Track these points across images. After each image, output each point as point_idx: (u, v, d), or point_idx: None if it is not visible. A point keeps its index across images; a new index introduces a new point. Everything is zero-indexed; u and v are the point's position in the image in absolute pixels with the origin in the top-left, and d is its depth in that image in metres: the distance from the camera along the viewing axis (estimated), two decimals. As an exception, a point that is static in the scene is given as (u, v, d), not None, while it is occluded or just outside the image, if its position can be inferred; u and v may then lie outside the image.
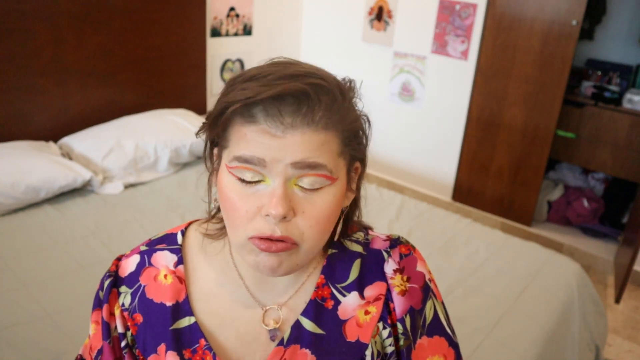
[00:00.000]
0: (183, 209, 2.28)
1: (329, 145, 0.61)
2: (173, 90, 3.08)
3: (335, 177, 0.62)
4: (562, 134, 3.28)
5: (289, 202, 0.60)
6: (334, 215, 0.64)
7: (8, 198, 2.06)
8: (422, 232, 2.32)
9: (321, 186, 0.61)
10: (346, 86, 0.66)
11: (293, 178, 0.60)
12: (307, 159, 0.59)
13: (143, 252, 0.76)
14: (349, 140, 0.64)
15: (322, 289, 0.72)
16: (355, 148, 0.67)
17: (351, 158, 0.66)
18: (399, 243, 0.76)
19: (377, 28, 3.63)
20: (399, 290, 0.73)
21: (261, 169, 0.60)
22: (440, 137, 3.57)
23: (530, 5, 3.02)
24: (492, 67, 3.24)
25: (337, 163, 0.62)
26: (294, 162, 0.59)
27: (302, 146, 0.58)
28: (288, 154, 0.58)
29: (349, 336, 0.71)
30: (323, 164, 0.60)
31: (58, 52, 2.50)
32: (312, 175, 0.60)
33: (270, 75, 0.59)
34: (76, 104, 2.64)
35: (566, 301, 1.95)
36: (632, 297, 2.94)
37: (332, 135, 0.61)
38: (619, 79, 3.38)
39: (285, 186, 0.60)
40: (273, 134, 0.58)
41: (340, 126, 0.62)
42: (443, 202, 3.64)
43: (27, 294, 1.66)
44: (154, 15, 2.85)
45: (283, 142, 0.58)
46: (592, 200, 3.42)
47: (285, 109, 0.58)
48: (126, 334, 0.74)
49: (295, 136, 0.58)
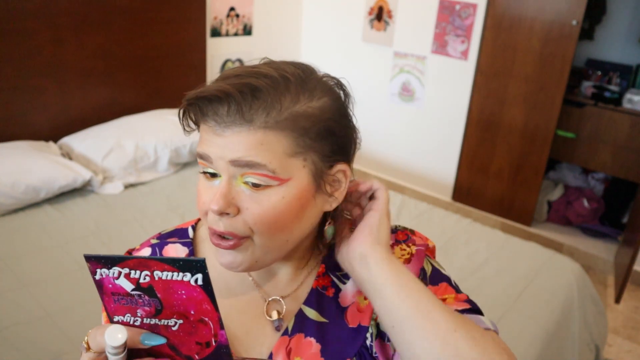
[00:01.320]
0: (183, 209, 2.28)
1: (271, 145, 0.60)
2: (173, 90, 3.08)
3: (285, 177, 0.61)
4: (562, 134, 3.28)
5: (230, 199, 0.61)
6: (288, 216, 0.63)
7: (8, 198, 2.06)
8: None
9: (267, 185, 0.61)
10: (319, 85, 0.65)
11: (238, 176, 0.61)
12: (243, 157, 0.60)
13: (154, 245, 0.78)
14: (312, 139, 0.62)
15: (322, 277, 0.74)
16: (330, 148, 0.64)
17: (323, 159, 0.64)
18: (397, 230, 0.78)
19: (377, 28, 3.63)
20: (403, 260, 0.74)
21: (212, 165, 0.62)
22: (440, 137, 3.57)
23: (530, 5, 3.02)
24: (492, 67, 3.24)
25: (287, 163, 0.61)
26: (232, 159, 0.60)
27: (239, 145, 0.60)
28: (227, 152, 0.60)
29: (350, 322, 0.72)
30: (262, 163, 0.60)
31: (58, 52, 2.50)
32: (253, 174, 0.61)
33: (225, 74, 0.62)
34: (76, 104, 2.64)
35: (566, 301, 1.95)
36: (632, 297, 2.94)
37: (277, 135, 0.60)
38: (619, 79, 3.38)
39: (230, 183, 0.62)
40: (216, 132, 0.61)
41: (289, 124, 0.61)
42: (443, 202, 3.64)
43: (27, 294, 1.66)
44: (154, 15, 2.85)
45: (224, 140, 0.60)
46: (592, 200, 3.42)
47: (219, 109, 0.60)
48: None
49: (232, 135, 0.60)
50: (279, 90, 0.61)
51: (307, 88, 0.63)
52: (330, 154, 0.65)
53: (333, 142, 0.65)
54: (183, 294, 0.52)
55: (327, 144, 0.64)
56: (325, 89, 0.66)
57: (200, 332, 0.55)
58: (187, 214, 2.24)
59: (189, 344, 0.56)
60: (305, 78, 0.64)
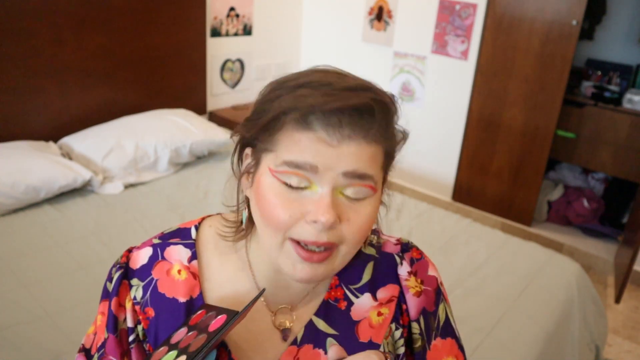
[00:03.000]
0: (183, 209, 2.28)
1: (377, 158, 0.63)
2: (173, 90, 3.09)
3: (377, 188, 0.64)
4: (562, 134, 3.28)
5: (336, 209, 0.61)
6: (372, 224, 0.66)
7: (8, 198, 2.06)
8: (422, 232, 2.32)
9: (365, 196, 0.63)
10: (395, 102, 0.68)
11: (340, 187, 0.61)
12: (358, 169, 0.60)
13: (156, 245, 0.76)
14: (390, 155, 0.67)
15: (335, 290, 0.74)
16: (391, 162, 0.69)
17: (386, 172, 0.68)
18: (410, 247, 0.79)
19: (377, 28, 3.63)
20: (414, 291, 0.75)
21: (311, 176, 0.60)
22: (440, 137, 3.57)
23: (530, 5, 3.02)
24: (492, 67, 3.24)
25: (380, 176, 0.64)
26: (346, 171, 0.60)
27: (356, 157, 0.60)
28: (341, 164, 0.60)
29: (361, 337, 0.72)
30: (371, 175, 0.61)
31: (58, 52, 2.50)
32: (359, 186, 0.61)
33: (330, 86, 0.60)
34: (76, 104, 2.64)
35: (566, 301, 1.95)
36: (632, 297, 2.94)
37: (380, 149, 0.63)
38: (619, 79, 3.38)
39: (333, 194, 0.61)
40: (329, 142, 0.59)
41: (387, 141, 0.64)
42: (443, 202, 3.64)
43: (27, 294, 1.66)
44: (154, 15, 2.85)
45: (337, 151, 0.59)
46: (592, 200, 3.42)
47: (346, 120, 0.59)
48: (136, 328, 0.73)
49: (350, 147, 0.59)
50: (392, 107, 0.64)
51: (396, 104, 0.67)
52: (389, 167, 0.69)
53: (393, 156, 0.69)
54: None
55: (392, 158, 0.68)
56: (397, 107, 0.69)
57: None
58: (187, 214, 2.24)
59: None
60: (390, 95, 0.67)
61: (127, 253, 0.76)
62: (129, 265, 0.75)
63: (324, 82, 0.61)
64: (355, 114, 0.59)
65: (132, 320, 0.73)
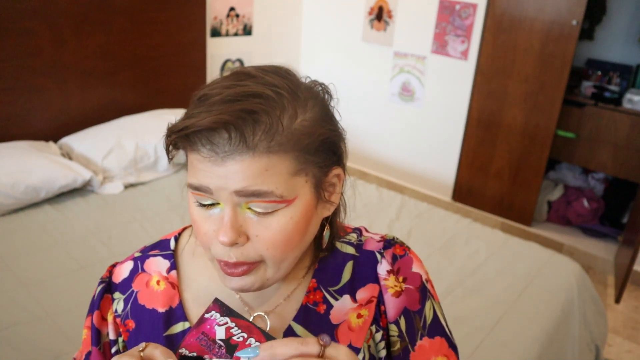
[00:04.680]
0: (183, 209, 2.28)
1: (276, 168, 0.57)
2: (173, 90, 3.08)
3: (291, 198, 0.59)
4: (562, 134, 3.28)
5: (239, 228, 0.59)
6: (297, 234, 0.62)
7: (8, 198, 2.06)
8: (422, 232, 2.32)
9: (275, 209, 0.59)
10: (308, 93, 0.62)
11: (243, 203, 0.59)
12: (248, 187, 0.57)
13: (136, 259, 0.76)
14: (311, 154, 0.60)
15: (313, 293, 0.71)
16: (326, 158, 0.63)
17: (321, 169, 0.63)
18: (393, 244, 0.74)
19: (377, 28, 3.63)
20: (393, 291, 0.72)
21: (211, 196, 0.59)
22: (440, 137, 3.57)
23: (530, 5, 3.02)
24: (492, 67, 3.24)
25: (291, 183, 0.59)
26: (236, 190, 0.57)
27: (242, 174, 0.56)
28: (229, 183, 0.57)
29: (341, 341, 0.70)
30: (268, 190, 0.57)
31: (58, 52, 2.50)
32: (259, 202, 0.58)
33: (210, 99, 0.57)
34: (76, 104, 2.64)
35: (566, 301, 1.95)
36: (632, 297, 2.94)
37: (280, 157, 0.57)
38: (619, 79, 3.38)
39: (235, 211, 0.59)
40: (214, 162, 0.57)
41: (291, 145, 0.58)
42: (443, 202, 3.64)
43: (27, 294, 1.66)
44: (154, 15, 2.85)
45: (224, 169, 0.56)
46: (592, 200, 3.42)
47: (217, 138, 0.56)
48: (117, 341, 0.74)
49: (235, 164, 0.56)
50: (277, 110, 0.57)
51: (299, 100, 0.60)
52: (326, 163, 0.63)
53: (328, 150, 0.63)
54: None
55: (324, 154, 0.62)
56: (313, 97, 0.63)
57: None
58: (186, 214, 2.24)
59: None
60: (295, 88, 0.61)
61: (110, 268, 0.77)
62: (112, 280, 0.76)
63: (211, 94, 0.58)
64: (224, 130, 0.55)
65: (114, 332, 0.74)
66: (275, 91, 0.58)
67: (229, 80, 0.60)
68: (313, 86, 0.65)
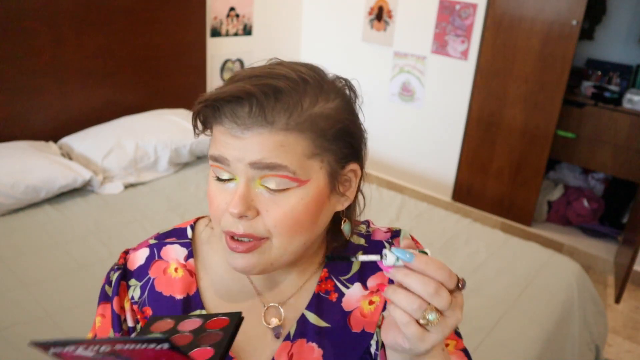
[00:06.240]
0: (183, 209, 2.28)
1: (292, 147, 0.60)
2: (173, 90, 3.08)
3: (304, 179, 0.62)
4: (562, 134, 3.28)
5: (249, 202, 0.61)
6: (306, 217, 0.63)
7: (8, 198, 2.06)
8: (422, 232, 2.32)
9: (287, 187, 0.61)
10: (332, 86, 0.65)
11: (257, 178, 0.61)
12: (264, 159, 0.59)
13: (152, 246, 0.77)
14: (329, 141, 0.63)
15: (325, 282, 0.74)
16: (344, 149, 0.65)
17: (338, 160, 0.65)
18: (400, 234, 0.77)
19: (377, 28, 3.63)
20: None
21: (228, 168, 0.62)
22: (440, 137, 3.57)
23: (530, 5, 3.02)
24: (492, 67, 3.24)
25: (306, 165, 0.61)
26: (252, 162, 0.60)
27: (259, 146, 0.59)
28: (247, 154, 0.60)
29: (354, 327, 0.72)
30: (283, 164, 0.60)
31: (58, 52, 2.50)
32: (273, 176, 0.60)
33: (239, 75, 0.61)
34: (76, 104, 2.64)
35: (566, 301, 1.95)
36: (632, 297, 2.94)
37: (297, 137, 0.60)
38: (619, 79, 3.38)
39: (248, 185, 0.61)
40: (234, 134, 0.60)
41: (308, 126, 0.61)
42: (443, 202, 3.64)
43: (27, 294, 1.66)
44: (154, 15, 2.85)
45: (243, 142, 0.59)
46: (592, 200, 3.42)
47: (239, 110, 0.59)
48: (136, 327, 0.74)
49: (253, 137, 0.59)
50: (299, 92, 0.61)
51: (323, 89, 0.63)
52: (344, 155, 0.65)
53: (347, 142, 0.65)
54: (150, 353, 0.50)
55: (342, 145, 0.65)
56: (337, 90, 0.66)
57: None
58: (187, 214, 2.24)
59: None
60: (320, 79, 0.64)
61: (124, 255, 0.77)
62: (126, 267, 0.76)
63: (241, 73, 0.62)
64: (246, 103, 0.59)
65: (132, 319, 0.74)
66: (300, 76, 0.62)
67: (261, 66, 0.64)
68: (338, 81, 0.68)
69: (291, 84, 0.60)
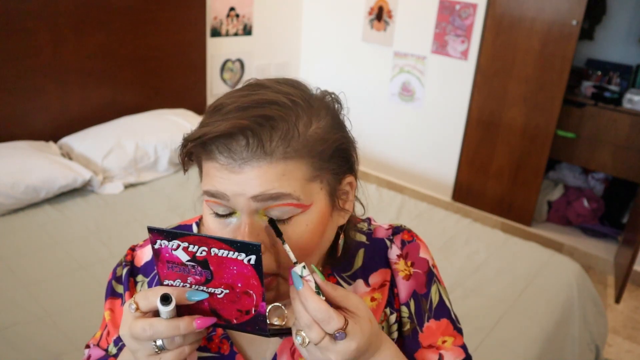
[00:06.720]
0: (183, 209, 2.28)
1: (293, 174, 0.59)
2: (173, 90, 3.08)
3: (307, 203, 0.60)
4: (562, 134, 3.28)
5: (257, 236, 0.59)
6: (313, 241, 0.63)
7: (8, 198, 2.06)
8: (422, 232, 2.32)
9: (291, 215, 0.60)
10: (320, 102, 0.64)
11: (260, 210, 0.59)
12: (267, 191, 0.57)
13: None
14: (326, 161, 0.62)
15: (328, 279, 0.73)
16: (340, 165, 0.65)
17: (335, 176, 0.64)
18: (401, 230, 0.78)
19: (377, 28, 3.63)
20: (404, 274, 0.74)
21: (227, 203, 0.60)
22: (440, 137, 3.57)
23: (530, 5, 3.02)
24: (492, 67, 3.24)
25: (308, 189, 0.60)
26: (254, 195, 0.58)
27: (260, 179, 0.57)
28: (247, 188, 0.57)
29: None
30: (286, 193, 0.58)
31: (58, 52, 2.50)
32: (278, 206, 0.59)
33: (226, 108, 0.59)
34: (76, 104, 2.64)
35: (566, 301, 1.95)
36: (632, 297, 2.94)
37: (296, 163, 0.59)
38: (619, 79, 3.38)
39: (252, 219, 0.59)
40: (231, 170, 0.58)
41: (307, 151, 0.59)
42: (443, 202, 3.64)
43: (27, 294, 1.66)
44: (154, 15, 2.85)
45: (241, 177, 0.57)
46: (592, 200, 3.42)
47: (234, 145, 0.57)
48: None
49: (252, 170, 0.57)
50: (292, 117, 0.59)
51: (313, 109, 0.62)
52: (341, 171, 0.65)
53: (342, 158, 0.65)
54: (234, 269, 0.55)
55: (337, 162, 0.64)
56: (325, 106, 0.65)
57: (243, 302, 0.58)
58: (187, 214, 2.24)
59: (230, 310, 0.58)
60: (308, 98, 0.63)
61: (130, 252, 0.78)
62: (134, 263, 0.76)
63: (227, 103, 0.59)
64: (242, 137, 0.57)
65: None
66: (290, 99, 0.60)
67: (243, 91, 0.61)
68: (324, 96, 0.67)
69: (283, 109, 0.59)
